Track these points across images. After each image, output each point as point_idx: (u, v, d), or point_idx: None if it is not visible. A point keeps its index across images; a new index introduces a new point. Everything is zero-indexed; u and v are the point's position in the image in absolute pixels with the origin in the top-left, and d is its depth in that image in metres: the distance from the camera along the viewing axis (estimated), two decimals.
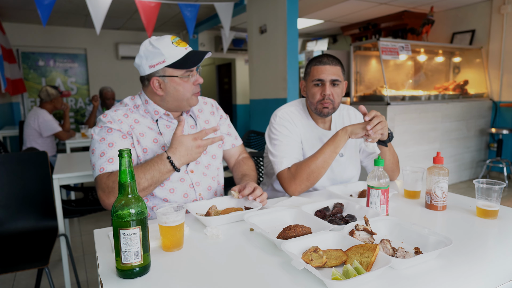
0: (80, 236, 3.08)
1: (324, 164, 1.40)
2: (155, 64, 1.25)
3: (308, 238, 0.90)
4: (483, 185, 1.15)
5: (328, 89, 1.47)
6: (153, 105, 1.33)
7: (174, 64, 1.25)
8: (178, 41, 1.28)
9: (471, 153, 4.74)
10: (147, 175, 1.19)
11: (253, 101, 4.81)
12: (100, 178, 1.20)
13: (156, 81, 1.28)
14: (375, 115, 1.32)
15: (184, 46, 1.28)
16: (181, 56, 1.26)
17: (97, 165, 1.21)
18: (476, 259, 0.86)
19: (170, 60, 1.25)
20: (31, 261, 1.54)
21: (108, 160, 1.21)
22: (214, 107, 1.53)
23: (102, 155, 1.22)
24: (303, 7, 5.04)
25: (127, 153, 0.80)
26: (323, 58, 1.50)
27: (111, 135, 1.24)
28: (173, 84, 1.28)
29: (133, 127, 1.29)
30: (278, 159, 1.49)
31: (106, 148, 1.22)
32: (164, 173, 1.21)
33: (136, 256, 0.78)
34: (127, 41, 6.72)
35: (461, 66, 5.13)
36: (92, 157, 1.24)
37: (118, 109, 1.31)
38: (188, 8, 4.24)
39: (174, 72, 1.27)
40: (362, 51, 4.45)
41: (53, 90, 3.62)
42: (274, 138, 1.54)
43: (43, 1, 3.46)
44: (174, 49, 1.25)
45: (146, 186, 1.19)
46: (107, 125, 1.26)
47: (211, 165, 1.43)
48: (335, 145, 1.39)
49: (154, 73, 1.27)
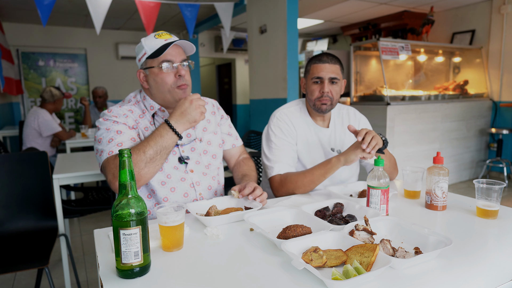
0: (80, 236, 3.08)
1: (311, 184, 1.44)
2: (140, 58, 1.31)
3: (308, 238, 0.90)
4: (483, 185, 1.15)
5: (326, 86, 1.52)
6: (149, 101, 1.35)
7: (152, 55, 1.27)
8: (161, 34, 1.30)
9: (471, 153, 4.74)
10: (151, 142, 1.18)
11: (253, 101, 4.81)
12: (108, 161, 1.18)
13: (142, 74, 1.33)
14: (366, 132, 1.31)
15: (165, 38, 1.29)
16: (158, 46, 1.27)
17: (105, 150, 1.20)
18: (476, 259, 0.86)
19: (149, 51, 1.27)
20: (31, 261, 1.54)
21: (117, 144, 1.20)
22: (215, 107, 1.53)
23: (110, 141, 1.22)
24: (303, 7, 5.04)
25: (127, 153, 0.80)
26: (322, 56, 1.54)
27: (118, 125, 1.26)
28: (152, 76, 1.30)
29: (138, 122, 1.31)
30: (271, 163, 1.54)
31: (115, 135, 1.23)
32: (166, 138, 1.19)
33: (136, 256, 0.78)
34: (127, 41, 6.72)
35: (461, 66, 5.13)
36: (98, 145, 1.24)
37: (122, 105, 1.33)
38: (188, 8, 4.24)
39: (152, 63, 1.29)
40: (362, 51, 4.45)
41: (56, 91, 3.65)
42: (270, 140, 1.58)
43: (43, 1, 3.46)
44: (154, 41, 1.28)
45: (152, 154, 1.17)
46: (112, 118, 1.27)
47: (212, 165, 1.43)
48: (326, 170, 1.41)
49: (140, 66, 1.33)
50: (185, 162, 1.35)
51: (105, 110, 1.31)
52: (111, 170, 1.18)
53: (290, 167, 1.54)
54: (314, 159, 1.60)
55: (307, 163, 1.60)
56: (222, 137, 1.52)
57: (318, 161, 1.61)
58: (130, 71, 6.80)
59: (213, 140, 1.45)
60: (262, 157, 1.61)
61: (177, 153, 1.34)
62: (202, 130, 1.43)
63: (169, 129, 1.20)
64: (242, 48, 7.25)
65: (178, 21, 6.03)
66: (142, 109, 1.35)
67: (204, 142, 1.42)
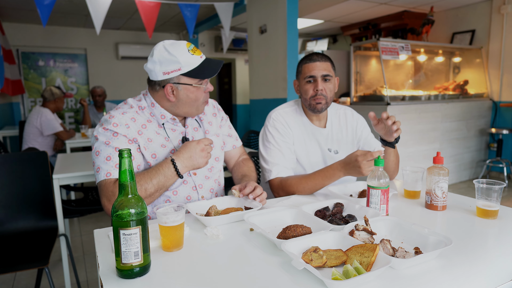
0: (80, 236, 3.08)
1: (312, 190, 1.44)
2: (170, 71, 1.23)
3: (308, 238, 0.90)
4: (483, 185, 1.15)
5: (320, 84, 1.52)
6: (160, 109, 1.31)
7: (190, 73, 1.24)
8: (193, 49, 1.26)
9: (471, 153, 4.74)
10: (154, 180, 1.18)
11: (253, 101, 4.81)
12: (105, 185, 1.17)
13: (170, 88, 1.26)
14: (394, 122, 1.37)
15: (199, 55, 1.26)
16: (197, 65, 1.25)
17: (103, 169, 1.18)
18: (476, 259, 0.86)
19: (186, 68, 1.23)
20: (31, 261, 1.54)
21: (115, 166, 1.18)
22: (216, 108, 1.53)
23: (108, 159, 1.18)
24: (303, 7, 5.04)
25: (127, 153, 0.80)
26: (312, 56, 1.55)
27: (117, 139, 1.21)
28: (186, 92, 1.27)
29: (141, 133, 1.27)
30: (269, 166, 1.54)
31: (113, 152, 1.19)
32: (168, 177, 1.20)
33: (136, 256, 0.78)
34: (127, 41, 6.72)
35: (461, 66, 5.13)
36: (96, 159, 1.20)
37: (125, 112, 1.27)
38: (188, 8, 4.25)
39: (189, 81, 1.26)
40: (362, 51, 4.45)
41: (57, 90, 3.68)
42: (267, 141, 1.58)
43: (43, 1, 3.46)
44: (190, 58, 1.23)
45: (152, 191, 1.18)
46: (112, 129, 1.22)
47: (214, 168, 1.42)
48: (327, 178, 1.39)
49: (168, 79, 1.25)
50: None
51: (106, 116, 1.27)
52: (107, 194, 1.15)
53: (288, 169, 1.54)
54: (312, 159, 1.60)
55: (304, 163, 1.60)
56: (223, 139, 1.52)
57: (315, 161, 1.61)
58: (130, 71, 6.80)
59: (215, 142, 1.44)
60: (260, 160, 1.60)
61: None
62: (205, 133, 1.43)
63: (174, 170, 1.21)
64: (242, 48, 7.25)
65: (178, 21, 6.03)
66: (148, 117, 1.31)
67: None
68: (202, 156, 1.24)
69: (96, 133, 1.24)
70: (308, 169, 1.60)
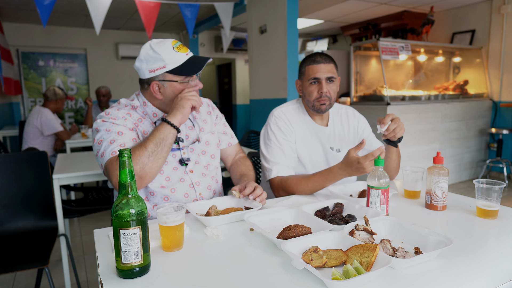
0: (80, 236, 3.08)
1: (312, 191, 1.44)
2: (155, 69, 1.25)
3: (308, 238, 0.90)
4: (483, 185, 1.15)
5: (325, 86, 1.52)
6: (152, 107, 1.34)
7: (174, 70, 1.25)
8: (179, 46, 1.27)
9: (471, 153, 4.74)
10: (150, 136, 1.20)
11: (253, 101, 4.81)
12: (111, 162, 1.17)
13: (156, 86, 1.28)
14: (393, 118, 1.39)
15: (185, 52, 1.28)
16: (182, 62, 1.26)
17: (107, 151, 1.19)
18: (476, 259, 0.86)
19: (171, 66, 1.25)
20: (31, 261, 1.54)
21: (120, 145, 1.20)
22: (210, 106, 1.54)
23: (112, 141, 1.21)
24: (303, 7, 5.04)
25: (127, 153, 0.80)
26: (316, 57, 1.54)
27: (117, 126, 1.25)
28: (172, 89, 1.28)
29: (137, 125, 1.31)
30: (270, 165, 1.54)
31: (116, 136, 1.22)
32: (161, 130, 1.20)
33: (136, 256, 0.78)
34: (127, 41, 6.72)
35: (461, 66, 5.13)
36: (99, 147, 1.22)
37: (120, 109, 1.31)
38: (188, 8, 4.25)
39: (174, 78, 1.27)
40: (362, 51, 4.45)
41: (60, 91, 3.71)
42: (269, 139, 1.58)
43: (43, 1, 3.46)
44: (175, 55, 1.25)
45: (152, 147, 1.18)
46: (111, 120, 1.25)
47: (210, 165, 1.43)
48: (328, 180, 1.38)
49: (154, 77, 1.28)
50: (185, 164, 1.35)
51: (101, 113, 1.29)
52: (115, 172, 1.16)
53: (289, 169, 1.54)
54: (314, 157, 1.60)
55: (306, 161, 1.60)
56: (218, 137, 1.53)
57: (317, 159, 1.61)
58: (130, 71, 6.80)
59: (211, 140, 1.45)
60: (261, 158, 1.61)
61: (176, 156, 1.35)
62: (200, 130, 1.43)
63: (164, 122, 1.22)
64: (242, 48, 7.25)
65: (178, 21, 6.02)
66: (141, 115, 1.34)
67: (202, 142, 1.42)
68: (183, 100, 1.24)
69: (96, 125, 1.27)
70: (310, 167, 1.60)
